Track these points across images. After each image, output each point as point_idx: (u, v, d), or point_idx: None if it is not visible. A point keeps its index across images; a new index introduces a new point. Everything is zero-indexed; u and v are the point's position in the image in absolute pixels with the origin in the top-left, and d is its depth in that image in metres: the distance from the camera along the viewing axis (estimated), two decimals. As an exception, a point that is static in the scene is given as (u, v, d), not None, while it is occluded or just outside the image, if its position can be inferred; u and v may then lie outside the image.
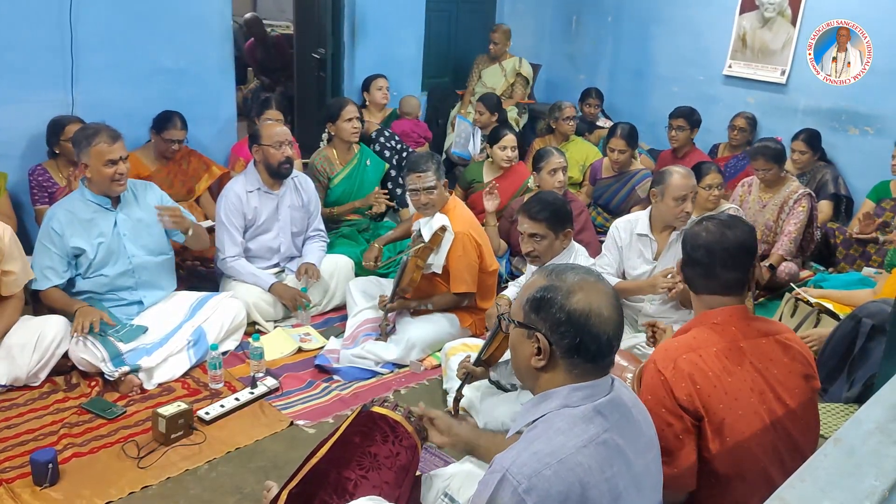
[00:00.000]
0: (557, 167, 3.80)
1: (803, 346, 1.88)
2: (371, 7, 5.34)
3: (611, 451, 1.38)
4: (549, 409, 1.43)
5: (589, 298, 1.42)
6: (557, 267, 1.51)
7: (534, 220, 2.82)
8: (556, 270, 1.49)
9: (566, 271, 1.48)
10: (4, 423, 2.67)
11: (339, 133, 4.19)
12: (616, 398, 1.45)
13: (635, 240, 3.21)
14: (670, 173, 3.07)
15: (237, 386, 3.02)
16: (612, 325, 1.42)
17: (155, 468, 2.47)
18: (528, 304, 1.47)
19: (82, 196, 3.08)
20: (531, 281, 1.51)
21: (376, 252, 3.66)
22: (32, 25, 3.68)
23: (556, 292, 1.43)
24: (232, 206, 3.54)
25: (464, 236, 3.26)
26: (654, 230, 3.17)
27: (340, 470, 1.81)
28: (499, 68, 5.99)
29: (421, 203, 3.29)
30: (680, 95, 5.81)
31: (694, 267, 1.87)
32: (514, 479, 1.29)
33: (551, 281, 1.46)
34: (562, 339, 1.41)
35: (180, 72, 4.30)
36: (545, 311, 1.43)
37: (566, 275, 1.47)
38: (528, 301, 1.47)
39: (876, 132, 5.00)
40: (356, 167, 4.27)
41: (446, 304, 3.40)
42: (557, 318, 1.41)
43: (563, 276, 1.46)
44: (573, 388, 1.43)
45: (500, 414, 2.58)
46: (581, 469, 1.32)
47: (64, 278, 3.05)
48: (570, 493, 1.30)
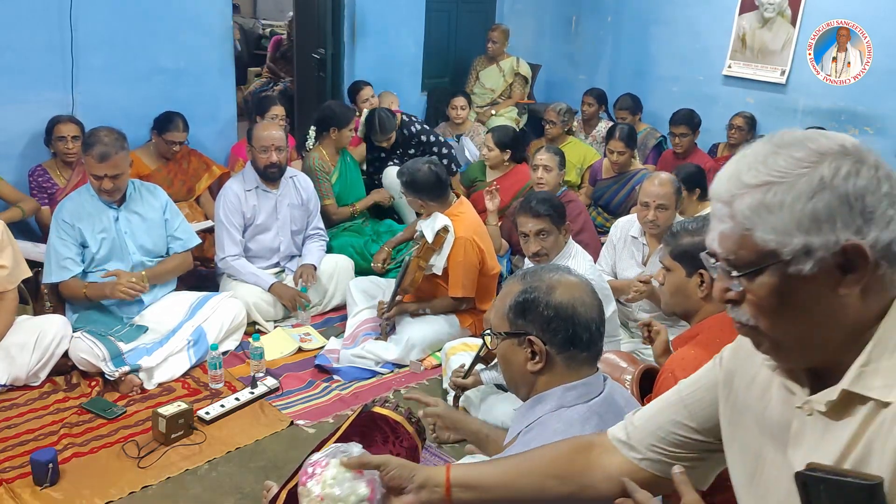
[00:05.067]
0: (538, 164, 3.77)
1: None
2: (371, 7, 5.34)
3: None
4: (543, 412, 1.43)
5: (570, 290, 1.44)
6: (527, 271, 1.53)
7: (537, 216, 2.80)
8: (528, 274, 1.51)
9: (538, 272, 1.50)
10: (4, 423, 2.67)
11: (340, 139, 4.22)
12: (609, 397, 1.46)
13: (629, 242, 3.24)
14: (647, 177, 3.08)
15: (237, 386, 3.02)
16: (596, 310, 1.46)
17: (155, 468, 2.47)
18: (511, 311, 1.46)
19: (89, 190, 3.11)
20: (505, 290, 1.51)
21: (385, 255, 3.68)
22: (32, 26, 3.68)
23: (538, 292, 1.44)
24: (230, 205, 3.54)
25: (465, 241, 3.25)
26: (647, 234, 3.19)
27: (340, 470, 1.81)
28: (497, 69, 5.98)
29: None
30: (680, 95, 5.81)
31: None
32: None
33: (527, 283, 1.47)
34: (555, 336, 1.42)
35: (180, 72, 4.30)
36: (532, 313, 1.43)
37: (540, 274, 1.49)
38: (510, 309, 1.46)
39: (876, 132, 4.99)
40: (344, 166, 4.32)
41: (444, 308, 3.39)
42: (546, 315, 1.42)
43: (538, 276, 1.48)
44: (567, 388, 1.43)
45: (500, 413, 2.58)
46: None
47: (82, 267, 3.08)
48: None
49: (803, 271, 0.85)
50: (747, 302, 0.92)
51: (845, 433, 0.88)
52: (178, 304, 3.26)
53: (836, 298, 0.87)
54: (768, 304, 0.90)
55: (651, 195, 3.03)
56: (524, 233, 2.85)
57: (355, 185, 4.38)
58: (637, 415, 1.24)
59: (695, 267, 1.87)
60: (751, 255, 0.89)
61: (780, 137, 0.90)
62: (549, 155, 3.76)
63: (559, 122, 5.09)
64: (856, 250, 0.83)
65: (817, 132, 0.90)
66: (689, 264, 1.89)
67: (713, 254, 0.95)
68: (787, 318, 0.90)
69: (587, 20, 6.62)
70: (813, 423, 0.93)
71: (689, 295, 1.90)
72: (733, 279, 0.92)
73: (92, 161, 2.96)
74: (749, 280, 0.90)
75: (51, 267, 3.05)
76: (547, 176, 3.73)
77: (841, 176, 0.84)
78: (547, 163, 3.74)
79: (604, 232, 3.95)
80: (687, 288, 1.90)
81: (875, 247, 0.84)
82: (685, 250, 1.90)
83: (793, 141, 0.88)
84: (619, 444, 1.22)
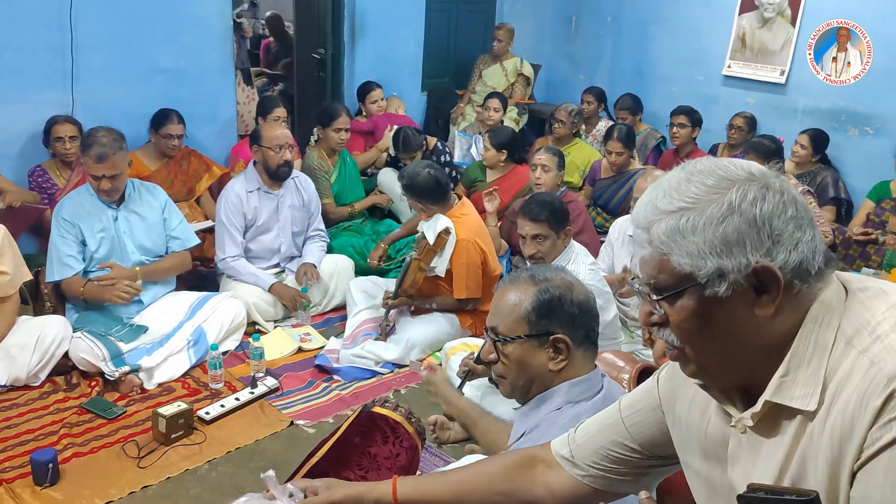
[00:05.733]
0: (537, 163, 3.76)
1: None
2: (371, 7, 5.34)
3: None
4: (550, 410, 1.45)
5: (581, 288, 1.51)
6: (533, 271, 1.55)
7: (535, 221, 2.81)
8: (535, 275, 1.53)
9: (544, 272, 1.54)
10: (5, 423, 2.67)
11: (327, 140, 4.23)
12: (608, 394, 1.49)
13: (627, 241, 3.25)
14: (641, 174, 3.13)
15: (237, 386, 3.02)
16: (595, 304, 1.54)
17: (155, 468, 2.47)
18: (534, 312, 1.48)
19: (88, 190, 3.11)
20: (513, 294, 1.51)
21: (381, 252, 3.68)
22: (32, 26, 3.68)
23: (560, 290, 1.48)
24: (232, 206, 3.54)
25: (468, 243, 3.25)
26: None
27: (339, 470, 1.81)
28: (500, 68, 5.98)
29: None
30: (679, 95, 5.81)
31: None
32: None
33: (543, 284, 1.49)
34: (577, 333, 1.47)
35: (180, 72, 4.30)
36: (557, 311, 1.47)
37: (548, 274, 1.52)
38: (533, 310, 1.48)
39: (876, 132, 4.99)
40: (343, 166, 4.32)
41: (449, 306, 3.40)
42: (571, 312, 1.47)
43: (548, 277, 1.51)
44: (573, 384, 1.46)
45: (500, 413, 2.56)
46: None
47: (83, 264, 3.09)
48: None
49: (719, 293, 0.88)
50: (671, 325, 0.95)
51: (779, 450, 0.91)
52: (178, 304, 3.26)
53: (754, 319, 0.90)
54: (689, 326, 0.93)
55: (641, 191, 3.06)
56: (522, 235, 2.86)
57: (354, 186, 4.39)
58: (579, 431, 1.25)
59: None
60: (669, 279, 0.92)
61: (693, 166, 0.94)
62: (548, 155, 3.75)
63: (568, 123, 5.07)
64: (766, 272, 0.87)
65: (728, 160, 0.93)
66: None
67: (635, 278, 0.98)
68: (708, 339, 0.93)
69: (587, 20, 6.62)
70: (748, 441, 0.96)
71: None
72: (655, 302, 0.95)
73: (90, 161, 2.97)
74: (670, 303, 0.93)
75: (53, 265, 3.05)
76: (545, 176, 3.72)
77: (748, 201, 0.87)
78: (546, 163, 3.73)
79: (603, 232, 3.95)
80: None
81: (785, 268, 0.87)
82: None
83: (704, 169, 0.92)
84: (562, 461, 1.25)
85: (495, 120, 5.19)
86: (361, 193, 4.46)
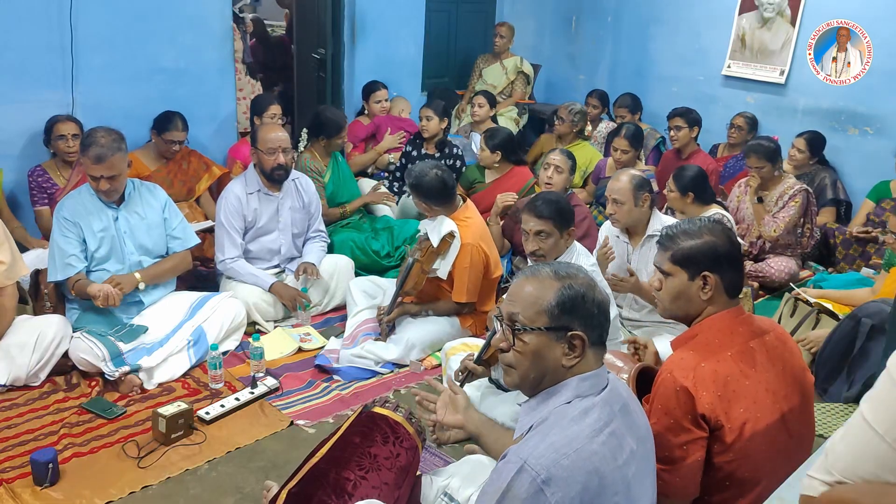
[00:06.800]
0: (550, 163, 3.77)
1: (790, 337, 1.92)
2: (371, 7, 5.34)
3: (619, 440, 1.43)
4: (558, 404, 1.47)
5: (600, 288, 1.54)
6: (556, 267, 1.55)
7: (540, 217, 2.81)
8: (558, 270, 1.54)
9: (566, 269, 1.56)
10: (4, 423, 2.67)
11: (330, 146, 4.23)
12: (614, 389, 1.52)
13: (615, 241, 3.33)
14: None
15: (237, 386, 3.02)
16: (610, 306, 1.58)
17: (155, 468, 2.47)
18: (557, 307, 1.49)
19: (88, 189, 3.10)
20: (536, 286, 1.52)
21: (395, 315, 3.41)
22: (32, 26, 3.68)
23: (583, 288, 1.50)
24: (232, 207, 3.54)
25: (473, 248, 3.24)
26: (630, 233, 3.30)
27: (340, 470, 1.81)
28: (500, 66, 5.99)
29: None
30: (679, 95, 5.82)
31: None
32: (532, 470, 1.32)
33: (567, 280, 1.52)
34: (593, 331, 1.50)
35: (180, 72, 4.30)
36: (579, 309, 1.49)
37: (570, 271, 1.55)
38: (557, 304, 1.49)
39: (875, 132, 5.00)
40: (336, 166, 4.32)
41: (446, 311, 3.40)
42: (591, 311, 1.49)
43: (571, 274, 1.54)
44: (581, 379, 1.49)
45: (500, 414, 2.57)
46: (597, 458, 1.36)
47: (85, 263, 3.07)
48: (588, 483, 1.33)
49: None
50: None
51: None
52: (178, 305, 3.26)
53: None
54: None
55: (608, 189, 3.22)
56: (525, 230, 2.86)
57: (348, 185, 4.37)
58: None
59: (697, 270, 1.84)
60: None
61: None
62: (562, 157, 3.75)
63: (568, 121, 5.07)
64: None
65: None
66: (691, 268, 1.85)
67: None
68: None
69: (587, 20, 6.63)
70: None
71: (692, 298, 1.85)
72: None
73: (88, 162, 2.96)
74: None
75: (55, 265, 3.03)
76: (557, 177, 3.73)
77: None
78: (559, 164, 3.73)
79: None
80: (689, 292, 1.84)
81: None
82: (687, 254, 1.84)
83: None
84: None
85: (481, 116, 5.21)
86: (356, 191, 4.45)
